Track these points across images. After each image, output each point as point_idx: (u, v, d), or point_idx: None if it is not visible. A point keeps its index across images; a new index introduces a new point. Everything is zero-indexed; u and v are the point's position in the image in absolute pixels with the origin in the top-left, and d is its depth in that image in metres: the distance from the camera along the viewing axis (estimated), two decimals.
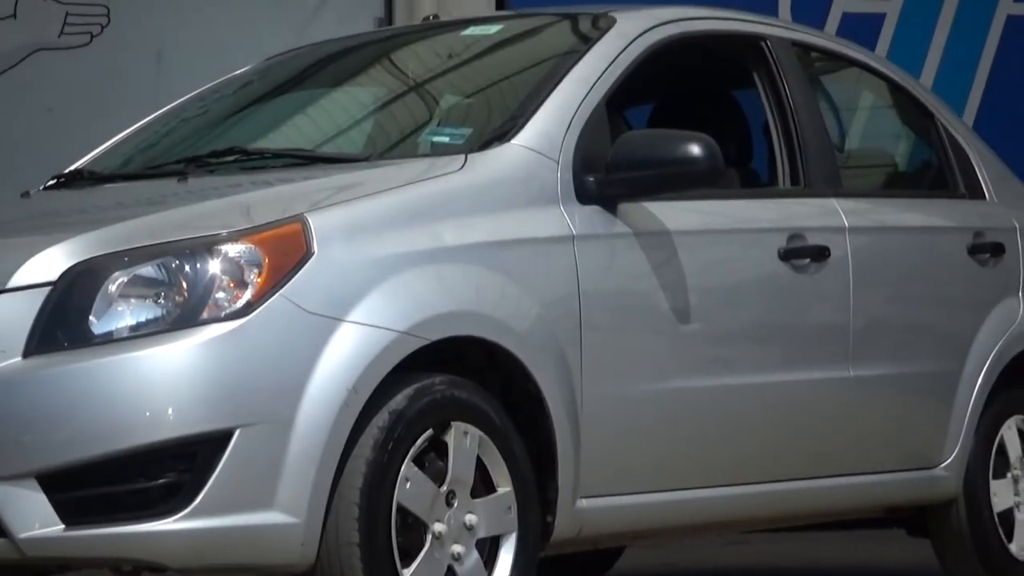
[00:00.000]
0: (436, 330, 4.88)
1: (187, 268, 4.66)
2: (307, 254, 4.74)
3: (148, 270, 4.66)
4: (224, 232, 4.71)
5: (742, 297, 5.77)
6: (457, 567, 4.88)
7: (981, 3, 9.19)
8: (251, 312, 4.62)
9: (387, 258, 4.87)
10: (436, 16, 7.20)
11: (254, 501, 4.58)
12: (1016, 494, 6.56)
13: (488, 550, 4.96)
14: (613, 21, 5.83)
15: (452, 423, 4.90)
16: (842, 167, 6.41)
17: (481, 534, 4.94)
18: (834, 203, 6.12)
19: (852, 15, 9.06)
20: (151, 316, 4.62)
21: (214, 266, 4.66)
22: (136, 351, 4.56)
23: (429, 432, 4.85)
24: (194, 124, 6.14)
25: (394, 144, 5.81)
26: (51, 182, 5.88)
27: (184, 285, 4.64)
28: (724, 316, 5.69)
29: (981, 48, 9.20)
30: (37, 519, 4.50)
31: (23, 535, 4.49)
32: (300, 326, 4.67)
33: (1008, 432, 6.56)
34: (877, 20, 9.10)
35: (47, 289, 4.61)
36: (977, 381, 6.43)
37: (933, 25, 9.19)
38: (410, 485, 4.80)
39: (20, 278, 4.63)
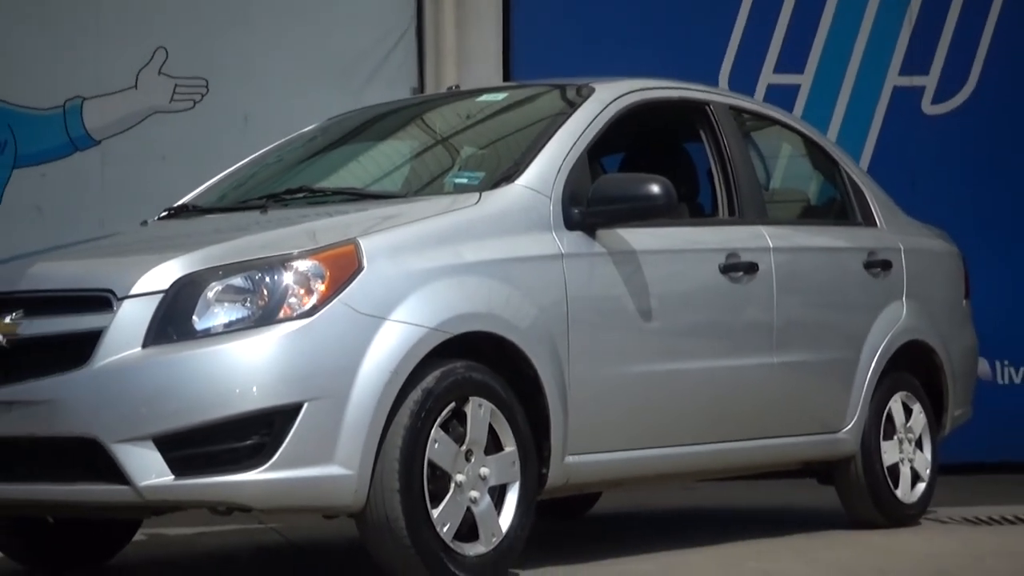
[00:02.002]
0: (458, 326, 4.88)
1: (267, 279, 4.65)
2: (359, 268, 4.73)
3: (237, 281, 4.66)
4: (295, 251, 4.71)
5: (691, 301, 5.76)
6: (474, 508, 4.88)
7: (873, 77, 9.18)
8: (316, 313, 4.62)
9: (420, 271, 4.86)
10: (457, 86, 7.20)
11: (318, 458, 4.57)
12: (901, 452, 6.54)
13: (497, 495, 4.95)
14: (592, 90, 5.82)
15: (470, 398, 4.89)
16: (767, 202, 6.40)
17: (492, 483, 4.93)
18: (761, 229, 6.11)
19: (775, 85, 9.05)
20: (240, 316, 4.62)
21: (288, 278, 4.66)
22: (228, 343, 4.56)
23: (452, 405, 4.85)
24: (272, 169, 6.14)
25: (425, 184, 5.80)
26: (163, 213, 5.88)
27: (265, 292, 4.64)
28: (678, 316, 5.68)
29: (873, 109, 9.19)
30: (153, 471, 4.50)
31: (143, 483, 4.50)
32: (354, 324, 4.66)
33: (895, 405, 6.54)
34: (794, 89, 9.09)
35: (160, 295, 4.61)
36: (871, 366, 6.42)
37: (837, 92, 9.18)
38: (437, 445, 4.80)
39: (140, 287, 4.63)
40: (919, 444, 6.64)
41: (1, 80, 8.36)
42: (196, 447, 4.51)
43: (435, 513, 4.76)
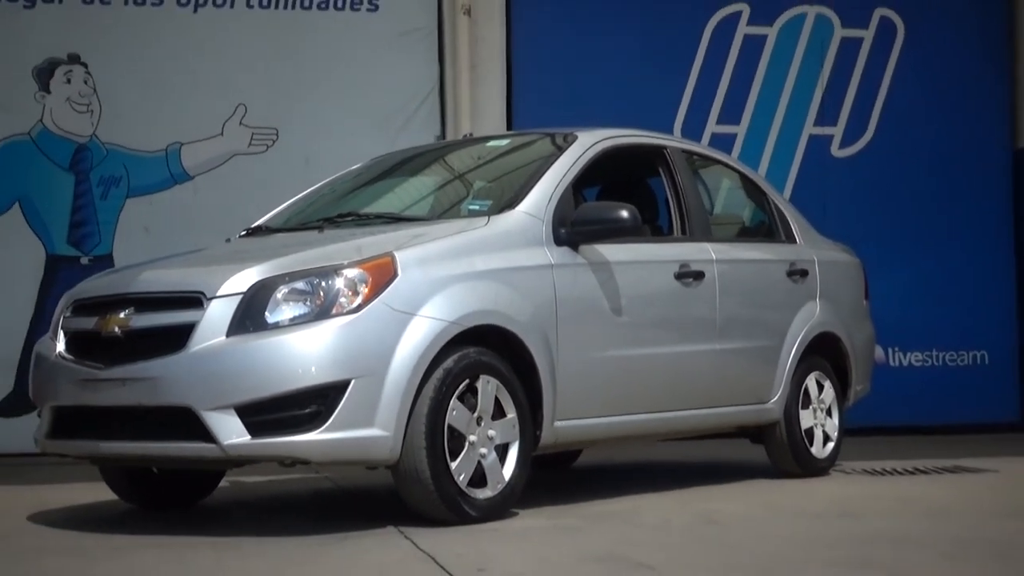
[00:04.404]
0: (471, 321, 4.87)
1: (324, 284, 4.65)
2: (394, 275, 4.73)
3: (300, 285, 4.65)
4: (346, 262, 4.71)
5: (652, 301, 5.74)
6: (483, 461, 4.87)
7: (793, 127, 9.21)
8: (361, 310, 4.61)
9: (442, 278, 4.85)
10: (471, 134, 7.20)
11: (363, 422, 4.57)
12: (815, 418, 6.53)
13: (501, 452, 4.95)
14: (576, 137, 5.81)
15: (480, 376, 4.88)
16: (712, 224, 6.38)
17: (498, 442, 4.93)
18: (707, 245, 6.10)
19: (717, 133, 9.06)
20: (302, 312, 4.61)
21: (339, 283, 4.65)
22: (293, 333, 4.55)
23: (466, 381, 4.84)
24: (327, 198, 6.12)
25: (446, 210, 5.79)
26: (243, 233, 5.87)
27: (322, 294, 4.64)
28: (642, 312, 5.66)
29: (794, 152, 9.21)
30: (234, 433, 4.50)
31: (226, 442, 4.50)
32: (390, 318, 4.66)
33: (810, 382, 6.52)
34: (732, 136, 9.11)
35: (240, 296, 4.61)
36: (792, 351, 6.40)
37: (765, 139, 9.20)
38: (455, 413, 4.79)
39: (225, 289, 4.63)
40: (829, 412, 6.63)
41: (118, 130, 8.40)
42: (268, 414, 4.50)
43: (453, 465, 4.76)
